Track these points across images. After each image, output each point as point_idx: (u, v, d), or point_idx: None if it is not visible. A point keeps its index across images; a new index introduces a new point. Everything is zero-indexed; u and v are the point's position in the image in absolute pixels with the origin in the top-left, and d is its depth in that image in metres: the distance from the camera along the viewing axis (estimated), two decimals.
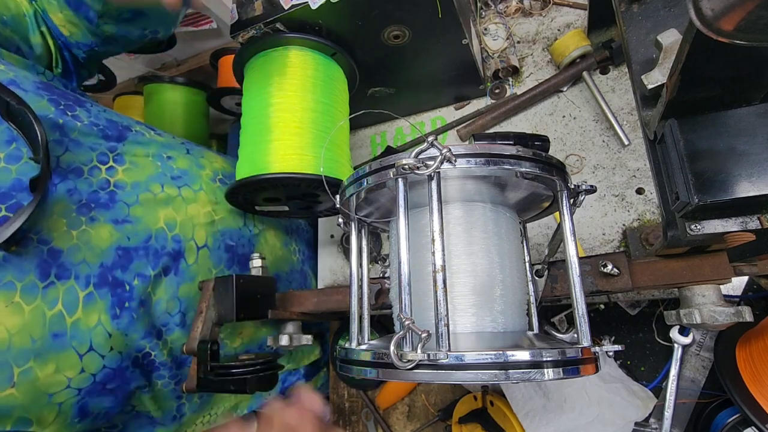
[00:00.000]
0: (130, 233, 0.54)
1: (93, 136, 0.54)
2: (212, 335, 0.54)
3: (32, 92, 0.51)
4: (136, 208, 0.55)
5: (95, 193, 0.53)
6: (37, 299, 0.46)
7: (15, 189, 0.46)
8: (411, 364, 0.31)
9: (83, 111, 0.55)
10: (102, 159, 0.54)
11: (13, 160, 0.47)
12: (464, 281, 0.37)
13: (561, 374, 0.32)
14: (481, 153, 0.34)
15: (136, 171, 0.57)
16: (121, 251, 0.53)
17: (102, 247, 0.52)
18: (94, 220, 0.52)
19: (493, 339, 0.37)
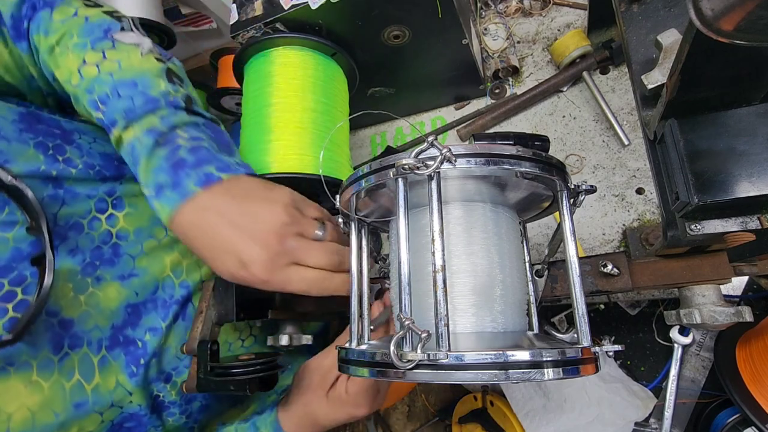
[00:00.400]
0: (137, 288, 0.52)
1: (89, 180, 0.50)
2: (212, 335, 0.54)
3: (15, 140, 0.46)
4: (141, 260, 0.53)
5: (98, 250, 0.50)
6: (54, 373, 0.44)
7: (15, 260, 0.43)
8: (411, 364, 0.31)
9: (74, 149, 0.50)
10: (101, 207, 0.51)
11: (8, 227, 0.43)
12: (464, 281, 0.37)
13: (561, 374, 0.32)
14: (481, 153, 0.34)
15: (137, 215, 0.54)
16: (130, 308, 0.51)
17: (111, 308, 0.50)
18: (101, 280, 0.49)
19: (493, 339, 0.37)
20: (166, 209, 0.45)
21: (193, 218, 0.45)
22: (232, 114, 1.24)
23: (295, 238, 0.47)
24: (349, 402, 0.50)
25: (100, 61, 0.49)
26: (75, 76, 0.49)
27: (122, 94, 0.48)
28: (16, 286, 0.43)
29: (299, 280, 0.46)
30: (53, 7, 0.50)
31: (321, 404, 0.52)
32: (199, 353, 0.51)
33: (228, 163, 0.48)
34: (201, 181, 0.45)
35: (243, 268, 0.44)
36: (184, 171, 0.46)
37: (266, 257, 0.44)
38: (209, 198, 0.45)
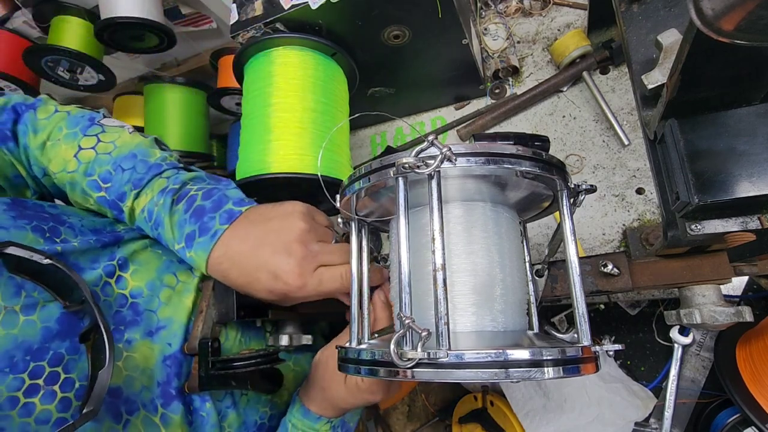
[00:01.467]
0: (168, 339, 0.52)
1: (91, 250, 0.50)
2: (213, 333, 0.54)
3: (12, 227, 0.46)
4: (163, 311, 0.52)
5: (119, 314, 0.50)
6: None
7: (46, 340, 0.42)
8: (411, 363, 0.31)
9: (67, 229, 0.51)
10: (108, 271, 0.51)
11: (30, 309, 0.42)
12: (464, 280, 0.37)
13: (561, 373, 0.32)
14: (482, 152, 0.34)
15: (143, 270, 0.53)
16: (169, 360, 0.51)
17: (150, 367, 0.50)
18: (131, 342, 0.49)
19: (493, 338, 0.37)
20: (201, 255, 0.48)
21: (224, 252, 0.48)
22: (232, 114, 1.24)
23: (316, 243, 0.50)
24: (365, 389, 0.52)
25: (95, 145, 0.53)
26: (71, 163, 0.52)
27: (125, 167, 0.52)
28: (56, 367, 0.42)
29: (331, 278, 0.48)
30: (35, 108, 0.55)
31: (339, 390, 0.53)
32: (200, 351, 0.52)
33: (241, 197, 0.52)
34: (224, 219, 0.49)
35: (277, 280, 0.47)
36: (207, 215, 0.49)
37: (295, 264, 0.47)
38: (233, 231, 0.49)
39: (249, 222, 0.49)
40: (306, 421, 0.54)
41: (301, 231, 0.49)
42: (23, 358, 0.41)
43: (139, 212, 0.52)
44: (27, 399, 0.40)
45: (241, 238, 0.48)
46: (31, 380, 0.41)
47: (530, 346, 0.34)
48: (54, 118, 0.54)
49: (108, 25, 0.93)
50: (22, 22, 1.08)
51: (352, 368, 0.37)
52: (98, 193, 0.52)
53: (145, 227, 0.52)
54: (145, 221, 0.52)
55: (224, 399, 0.56)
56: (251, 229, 0.49)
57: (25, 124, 0.54)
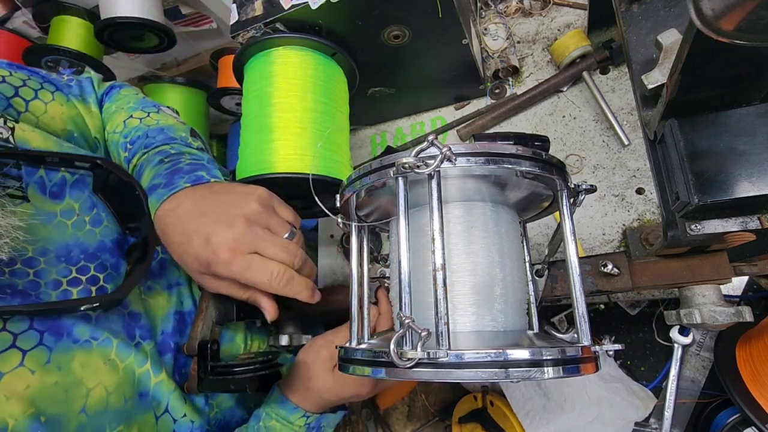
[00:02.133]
0: (182, 297, 0.57)
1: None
2: (213, 335, 0.54)
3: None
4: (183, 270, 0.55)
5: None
6: (131, 357, 0.47)
7: (100, 250, 0.50)
8: (411, 363, 0.31)
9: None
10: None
11: (96, 223, 0.51)
12: (464, 280, 0.37)
13: (561, 373, 0.32)
14: (482, 152, 0.34)
15: None
16: (178, 316, 0.55)
17: (162, 316, 0.54)
18: (151, 289, 0.55)
19: (493, 338, 0.37)
20: (153, 203, 0.50)
21: (174, 207, 0.49)
22: (232, 114, 1.24)
23: (262, 229, 0.49)
24: (353, 382, 0.52)
25: (143, 117, 0.61)
26: (120, 126, 0.61)
27: (150, 135, 0.59)
28: (99, 273, 0.49)
29: (260, 269, 0.47)
30: (123, 87, 0.67)
31: (326, 380, 0.53)
32: (199, 353, 0.52)
33: (218, 176, 0.55)
34: (190, 180, 0.51)
35: (206, 246, 0.47)
36: (179, 175, 0.52)
37: (230, 237, 0.47)
38: (191, 191, 0.50)
39: (210, 190, 0.51)
40: (281, 410, 0.54)
41: (251, 211, 0.49)
42: (78, 255, 0.48)
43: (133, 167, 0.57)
44: (68, 287, 0.46)
45: (195, 200, 0.49)
46: (77, 274, 0.47)
47: (530, 346, 0.34)
48: (130, 96, 0.65)
49: (108, 25, 0.93)
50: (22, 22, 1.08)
51: (351, 367, 0.37)
52: (124, 152, 0.59)
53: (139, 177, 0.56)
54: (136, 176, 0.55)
55: None
56: (209, 196, 0.50)
57: (110, 96, 0.65)
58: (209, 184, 0.52)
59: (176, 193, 0.50)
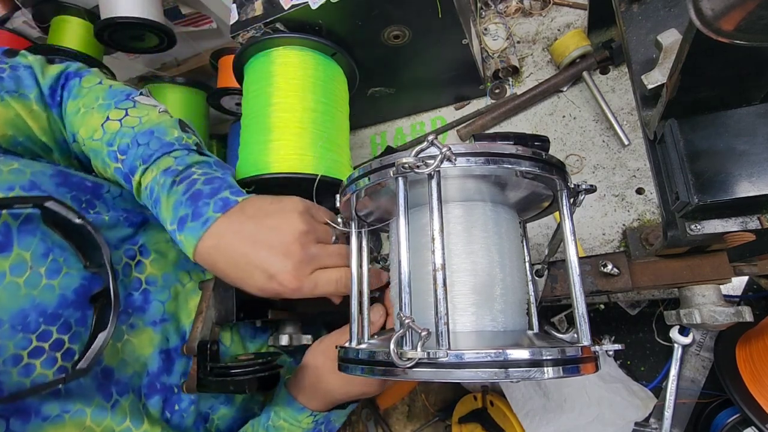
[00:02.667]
0: (168, 333, 0.53)
1: (119, 227, 0.52)
2: (212, 335, 0.54)
3: (54, 193, 0.47)
4: (170, 305, 0.54)
5: (130, 297, 0.51)
6: (107, 419, 0.45)
7: (61, 306, 0.44)
8: (411, 363, 0.31)
9: (101, 204, 0.53)
10: (129, 254, 0.52)
11: (54, 273, 0.44)
12: (464, 280, 0.37)
13: (561, 373, 0.32)
14: (481, 152, 0.34)
15: (162, 261, 0.55)
16: (164, 354, 0.52)
17: (145, 355, 0.51)
18: (134, 326, 0.51)
19: (493, 338, 0.37)
20: (190, 241, 0.47)
21: (215, 243, 0.46)
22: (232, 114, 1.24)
23: (315, 245, 0.48)
24: (361, 381, 0.51)
25: (122, 117, 0.53)
26: (98, 132, 0.53)
27: (140, 142, 0.52)
28: (63, 334, 0.43)
29: (327, 282, 0.47)
30: (81, 77, 0.56)
31: (335, 379, 0.52)
32: (198, 353, 0.51)
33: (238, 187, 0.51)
34: (218, 207, 0.47)
35: (271, 280, 0.46)
36: (202, 200, 0.48)
37: (291, 266, 0.46)
38: (226, 221, 0.47)
39: (245, 215, 0.48)
40: (289, 410, 0.53)
41: (299, 233, 0.47)
42: (36, 319, 0.42)
43: (143, 188, 0.51)
44: (29, 360, 0.41)
45: (235, 231, 0.46)
46: (38, 342, 0.42)
47: (530, 346, 0.34)
48: (96, 89, 0.55)
49: (108, 25, 0.93)
50: (22, 22, 1.08)
51: (351, 368, 0.37)
52: (115, 163, 0.52)
53: (147, 204, 0.52)
54: (148, 198, 0.51)
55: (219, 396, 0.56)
56: (247, 223, 0.47)
57: (68, 90, 0.55)
58: (240, 206, 0.48)
59: (210, 228, 0.46)
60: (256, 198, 0.50)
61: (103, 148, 0.53)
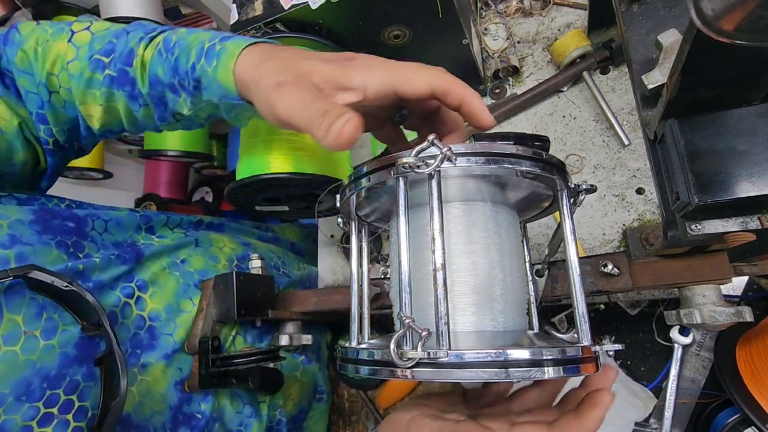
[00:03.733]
0: (180, 363, 0.52)
1: (112, 267, 0.49)
2: (213, 332, 0.54)
3: (37, 243, 0.45)
4: (178, 333, 0.53)
5: (136, 337, 0.49)
6: None
7: (64, 366, 0.41)
8: (411, 363, 0.31)
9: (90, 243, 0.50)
10: (127, 293, 0.50)
11: (50, 333, 0.41)
12: (464, 280, 0.37)
13: (561, 373, 0.32)
14: (482, 152, 0.34)
15: (162, 293, 0.54)
16: (179, 385, 0.51)
17: (161, 391, 0.49)
18: (146, 366, 0.49)
19: (493, 338, 0.37)
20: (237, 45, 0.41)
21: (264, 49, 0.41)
22: None
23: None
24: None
25: (89, 26, 0.48)
26: (69, 52, 0.47)
27: (130, 30, 0.46)
28: (71, 395, 0.41)
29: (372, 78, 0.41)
30: (16, 27, 0.50)
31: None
32: (200, 350, 0.52)
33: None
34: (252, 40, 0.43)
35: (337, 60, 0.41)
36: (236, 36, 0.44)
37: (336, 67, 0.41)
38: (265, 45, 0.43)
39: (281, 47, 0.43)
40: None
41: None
42: (40, 385, 0.39)
43: (153, 51, 0.45)
44: (40, 429, 0.39)
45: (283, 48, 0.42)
46: (46, 409, 0.39)
47: (530, 346, 0.34)
48: (38, 28, 0.50)
49: None
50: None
51: (351, 368, 0.37)
52: (103, 73, 0.46)
53: (157, 65, 0.45)
54: (159, 54, 0.45)
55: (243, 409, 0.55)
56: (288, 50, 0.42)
57: (12, 46, 0.49)
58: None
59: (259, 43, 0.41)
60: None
61: (82, 66, 0.47)
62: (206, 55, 0.42)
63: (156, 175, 1.46)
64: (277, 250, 0.79)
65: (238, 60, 0.40)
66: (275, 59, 0.39)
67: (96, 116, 0.51)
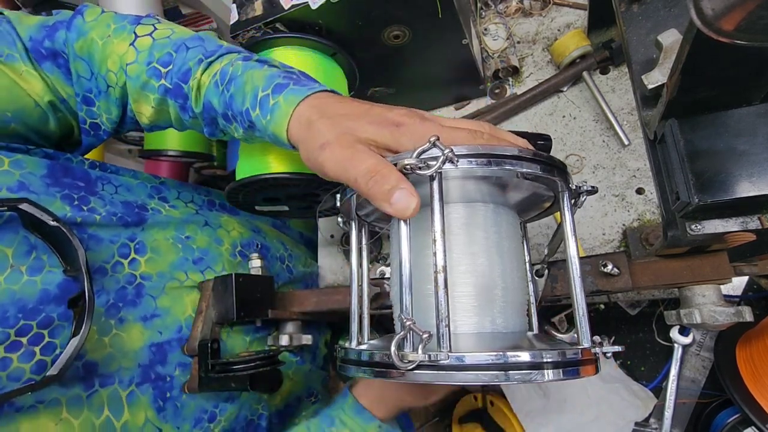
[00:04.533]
0: (160, 327, 0.52)
1: (112, 226, 0.51)
2: (213, 334, 0.54)
3: (43, 194, 0.47)
4: (162, 299, 0.53)
5: (123, 290, 0.50)
6: (84, 411, 0.44)
7: (42, 302, 0.43)
8: (412, 365, 0.31)
9: (97, 199, 0.51)
10: (123, 252, 0.51)
11: (36, 271, 0.43)
12: (465, 282, 0.37)
13: (561, 375, 0.32)
14: (483, 153, 0.34)
15: (158, 260, 0.54)
16: (155, 347, 0.51)
17: (134, 349, 0.50)
18: (123, 321, 0.50)
19: (493, 340, 0.37)
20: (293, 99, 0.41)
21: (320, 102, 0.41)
22: None
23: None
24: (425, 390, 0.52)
25: (152, 32, 0.49)
26: (129, 54, 0.48)
27: (190, 46, 0.47)
28: (43, 329, 0.43)
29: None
30: (81, 12, 0.52)
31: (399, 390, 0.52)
32: (199, 352, 0.52)
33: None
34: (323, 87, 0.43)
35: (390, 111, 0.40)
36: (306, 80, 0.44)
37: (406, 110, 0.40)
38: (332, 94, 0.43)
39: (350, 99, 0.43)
40: (359, 419, 0.51)
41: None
42: (15, 314, 0.41)
43: (209, 79, 0.46)
44: (6, 354, 0.40)
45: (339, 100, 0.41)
46: (16, 337, 0.41)
47: (530, 348, 0.34)
48: (102, 18, 0.51)
49: None
50: None
51: (352, 369, 0.37)
52: (159, 81, 0.48)
53: (212, 95, 0.46)
54: (215, 85, 0.46)
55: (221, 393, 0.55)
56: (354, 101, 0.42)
57: (74, 31, 0.50)
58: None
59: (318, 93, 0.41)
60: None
61: (141, 70, 0.48)
62: (260, 105, 0.43)
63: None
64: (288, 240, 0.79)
65: (291, 119, 0.41)
66: (325, 118, 0.39)
67: (146, 114, 0.52)
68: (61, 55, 0.51)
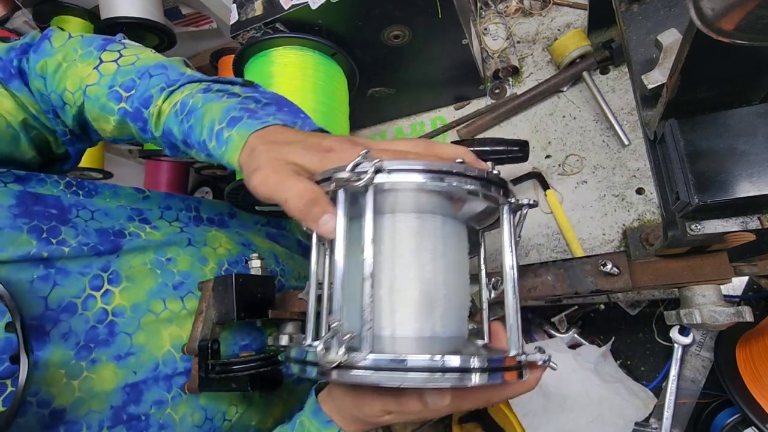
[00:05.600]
0: (135, 367, 0.49)
1: (82, 257, 0.48)
2: (213, 334, 0.54)
3: (8, 227, 0.44)
4: (138, 336, 0.50)
5: (93, 330, 0.47)
6: None
7: (3, 352, 0.41)
8: (332, 365, 0.33)
9: (69, 229, 0.49)
10: (95, 284, 0.49)
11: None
12: (407, 287, 0.38)
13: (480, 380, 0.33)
14: (414, 169, 0.35)
15: (134, 288, 0.51)
16: (129, 388, 0.48)
17: (107, 391, 0.47)
18: (96, 362, 0.47)
19: (431, 344, 0.38)
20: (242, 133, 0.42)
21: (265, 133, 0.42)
22: None
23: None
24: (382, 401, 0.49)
25: (117, 59, 0.50)
26: (92, 76, 0.49)
27: (153, 73, 0.48)
28: (5, 379, 0.41)
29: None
30: (48, 37, 0.53)
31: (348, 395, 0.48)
32: (199, 353, 0.51)
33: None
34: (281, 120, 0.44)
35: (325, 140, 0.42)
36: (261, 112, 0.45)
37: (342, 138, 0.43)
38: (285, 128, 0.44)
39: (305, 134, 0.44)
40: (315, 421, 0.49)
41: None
42: None
43: (169, 108, 0.48)
44: None
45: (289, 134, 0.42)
46: None
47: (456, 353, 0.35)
48: (68, 43, 0.52)
49: (108, 26, 0.93)
50: (22, 22, 1.08)
51: (291, 366, 0.38)
52: (118, 104, 0.49)
53: (172, 124, 0.48)
54: (175, 115, 0.47)
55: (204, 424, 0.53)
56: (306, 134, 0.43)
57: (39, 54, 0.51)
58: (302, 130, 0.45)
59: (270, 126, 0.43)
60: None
61: (101, 93, 0.49)
62: (216, 137, 0.44)
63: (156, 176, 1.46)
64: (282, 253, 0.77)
65: (243, 151, 0.43)
66: (264, 145, 0.42)
67: (108, 130, 0.53)
68: (26, 74, 0.52)
